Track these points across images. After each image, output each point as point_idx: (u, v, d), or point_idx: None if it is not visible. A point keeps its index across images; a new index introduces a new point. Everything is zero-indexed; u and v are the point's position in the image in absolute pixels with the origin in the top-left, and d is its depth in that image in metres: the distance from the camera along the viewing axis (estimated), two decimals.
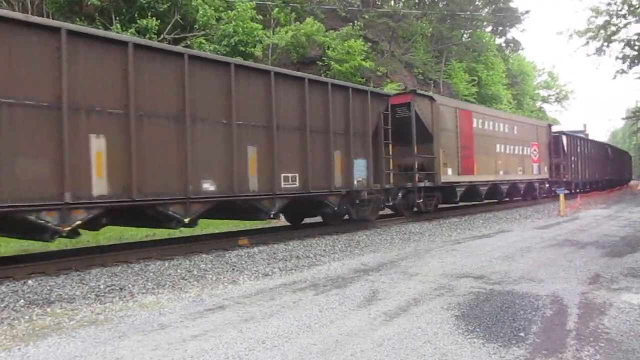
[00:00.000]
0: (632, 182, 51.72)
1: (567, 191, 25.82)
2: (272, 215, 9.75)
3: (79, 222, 6.78)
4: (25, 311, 5.26)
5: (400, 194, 13.67)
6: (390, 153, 12.87)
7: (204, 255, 8.44)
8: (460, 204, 17.45)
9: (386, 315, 4.73)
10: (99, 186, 6.95)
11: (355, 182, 11.43)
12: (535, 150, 21.40)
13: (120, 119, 7.23)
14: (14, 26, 6.25)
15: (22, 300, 5.62)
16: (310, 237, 10.72)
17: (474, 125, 16.72)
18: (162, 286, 6.43)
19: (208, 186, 8.37)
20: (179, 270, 7.29)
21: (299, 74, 11.11)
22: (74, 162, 6.65)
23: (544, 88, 64.91)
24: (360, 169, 11.54)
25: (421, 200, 14.14)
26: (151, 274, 7.02)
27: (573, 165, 26.95)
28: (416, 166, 13.97)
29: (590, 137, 41.29)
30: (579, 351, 3.70)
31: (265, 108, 9.45)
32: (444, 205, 17.14)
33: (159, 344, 4.05)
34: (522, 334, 4.09)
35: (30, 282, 6.41)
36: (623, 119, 78.51)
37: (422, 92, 15.63)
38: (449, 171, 15.02)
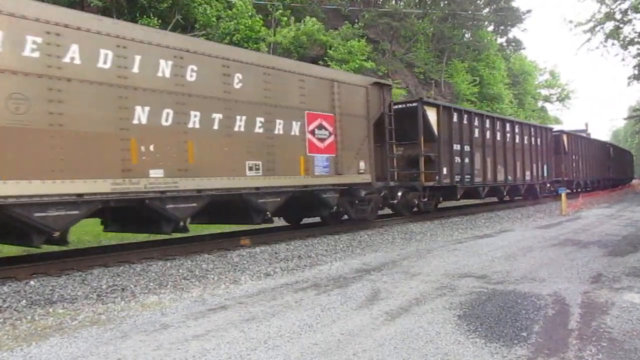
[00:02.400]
0: (633, 182, 51.57)
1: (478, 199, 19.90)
2: None
3: None
4: (27, 311, 5.27)
5: None
6: None
7: (205, 255, 8.45)
8: None
9: (388, 314, 4.72)
10: None
11: None
12: (323, 128, 10.60)
13: None
14: None
15: (24, 301, 5.64)
16: (312, 236, 10.72)
17: None
18: (164, 286, 6.44)
19: None
20: (180, 270, 7.30)
21: None
22: None
23: (545, 87, 64.84)
24: None
25: None
26: (153, 274, 7.03)
27: (459, 160, 15.39)
28: None
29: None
30: (581, 351, 3.69)
31: None
32: None
33: (161, 344, 4.06)
34: (524, 334, 4.09)
35: (32, 282, 6.42)
36: (625, 119, 78.31)
37: None
38: None
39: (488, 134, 17.43)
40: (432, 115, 14.47)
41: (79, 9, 19.05)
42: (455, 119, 15.41)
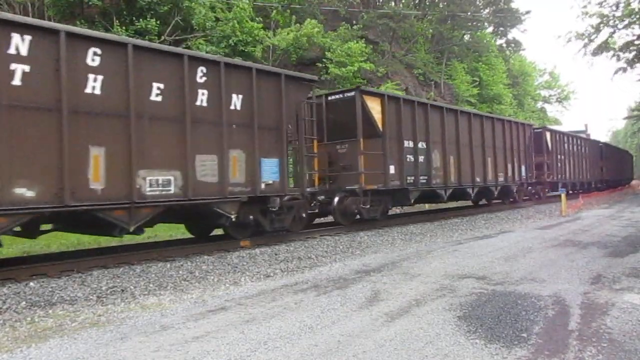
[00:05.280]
0: (633, 182, 51.54)
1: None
2: None
3: None
4: (27, 313, 5.27)
5: None
6: None
7: (205, 257, 8.44)
8: None
9: (388, 316, 4.72)
10: None
11: None
12: None
13: None
14: None
15: (24, 302, 5.63)
16: (311, 238, 10.71)
17: None
18: (164, 287, 6.44)
19: None
20: (180, 272, 7.30)
21: None
22: None
23: (545, 88, 64.88)
24: None
25: None
26: (153, 276, 7.02)
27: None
28: None
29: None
30: (581, 352, 3.69)
31: None
32: None
33: (160, 345, 4.05)
34: (524, 335, 4.09)
35: (32, 283, 6.42)
36: (624, 118, 78.49)
37: None
38: None
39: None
40: None
41: (78, 11, 19.12)
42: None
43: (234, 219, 8.94)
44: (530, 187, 21.62)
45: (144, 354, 3.85)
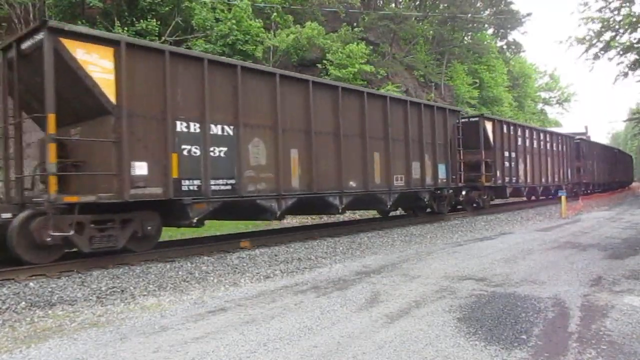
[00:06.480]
0: (633, 184, 51.50)
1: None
2: None
3: None
4: (26, 313, 5.27)
5: None
6: None
7: (205, 258, 8.44)
8: None
9: (387, 317, 4.72)
10: None
11: None
12: None
13: None
14: None
15: (23, 302, 5.63)
16: (311, 239, 10.70)
17: None
18: (164, 288, 6.44)
19: None
20: (180, 273, 7.30)
21: None
22: None
23: (545, 90, 64.93)
24: None
25: None
26: (152, 276, 7.02)
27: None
28: None
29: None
30: (581, 354, 3.69)
31: None
32: None
33: (160, 346, 4.05)
34: (524, 337, 4.08)
35: (31, 284, 6.42)
36: (624, 121, 78.62)
37: None
38: None
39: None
40: None
41: (79, 11, 19.14)
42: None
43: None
44: (464, 193, 16.67)
45: (144, 355, 3.85)
